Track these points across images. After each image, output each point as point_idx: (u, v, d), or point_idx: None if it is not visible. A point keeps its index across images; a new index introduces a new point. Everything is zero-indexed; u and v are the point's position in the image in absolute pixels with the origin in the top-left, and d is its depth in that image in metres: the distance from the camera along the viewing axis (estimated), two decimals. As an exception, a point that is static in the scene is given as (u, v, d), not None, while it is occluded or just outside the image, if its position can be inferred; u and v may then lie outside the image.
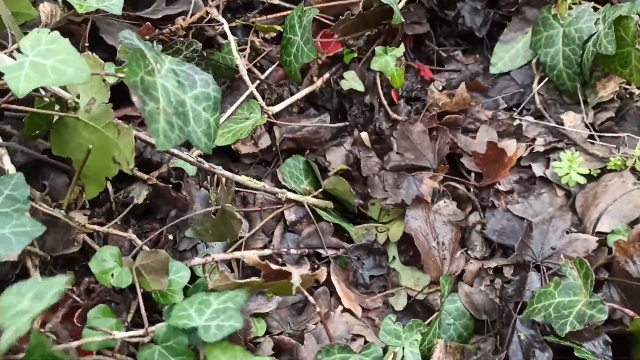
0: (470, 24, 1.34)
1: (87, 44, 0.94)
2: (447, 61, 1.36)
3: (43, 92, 0.83)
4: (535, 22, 1.25)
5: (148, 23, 0.99)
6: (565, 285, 0.85)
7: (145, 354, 0.69)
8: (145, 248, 0.84)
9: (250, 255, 0.72)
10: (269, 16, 1.23)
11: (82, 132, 0.79)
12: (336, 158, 1.17)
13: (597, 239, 0.97)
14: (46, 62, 0.67)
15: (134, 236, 0.85)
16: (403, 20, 1.08)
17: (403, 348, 0.81)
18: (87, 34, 0.94)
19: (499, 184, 1.08)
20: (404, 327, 0.82)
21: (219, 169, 0.91)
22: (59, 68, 0.67)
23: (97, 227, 0.82)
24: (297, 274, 0.70)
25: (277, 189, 1.01)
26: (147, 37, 0.98)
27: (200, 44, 1.00)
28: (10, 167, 0.76)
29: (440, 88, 1.30)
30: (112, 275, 0.74)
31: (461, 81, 1.31)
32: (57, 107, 0.81)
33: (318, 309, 0.76)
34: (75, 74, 0.67)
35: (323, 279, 0.75)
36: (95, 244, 0.83)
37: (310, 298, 0.75)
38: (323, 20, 1.23)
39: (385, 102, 1.23)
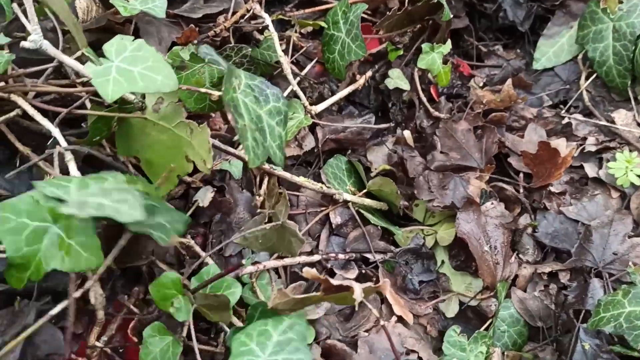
0: (512, 17, 1.30)
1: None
2: (487, 56, 1.32)
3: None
4: (581, 16, 1.20)
5: (192, 26, 0.95)
6: (635, 294, 0.81)
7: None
8: (209, 260, 0.80)
9: (309, 270, 0.68)
10: (306, 10, 1.18)
11: (150, 132, 0.76)
12: (377, 158, 1.13)
13: (661, 243, 0.93)
14: (133, 69, 0.68)
15: (192, 242, 0.81)
16: (452, 15, 1.04)
17: (468, 360, 0.77)
18: (130, 35, 0.90)
19: (551, 186, 1.04)
20: (469, 340, 0.78)
21: (279, 170, 0.87)
22: (148, 75, 0.67)
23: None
24: (359, 288, 0.66)
25: (333, 190, 0.97)
26: (193, 40, 0.94)
27: (249, 49, 0.96)
28: (76, 173, 0.73)
29: (481, 84, 1.26)
30: (172, 303, 0.70)
31: (503, 77, 1.27)
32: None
33: (382, 322, 0.72)
34: (164, 81, 0.67)
35: (387, 291, 0.71)
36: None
37: (375, 311, 0.71)
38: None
39: (425, 100, 1.19)
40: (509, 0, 1.31)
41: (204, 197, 0.86)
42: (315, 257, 0.90)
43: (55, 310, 0.65)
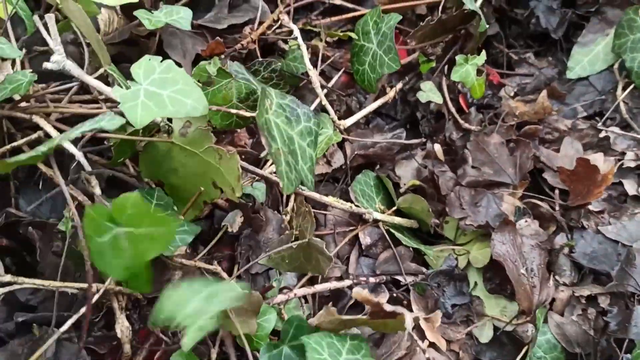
0: (545, 24, 1.25)
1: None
2: (518, 64, 1.27)
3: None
4: (618, 24, 1.16)
5: (218, 38, 0.92)
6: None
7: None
8: (232, 283, 0.77)
9: (360, 292, 0.66)
10: (333, 18, 1.15)
11: (176, 157, 0.73)
12: (406, 172, 1.09)
13: None
14: (162, 92, 0.65)
15: (219, 269, 0.78)
16: (487, 26, 1.00)
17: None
18: (154, 49, 0.87)
19: (590, 204, 1.00)
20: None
21: (307, 191, 0.84)
22: (177, 99, 0.65)
23: (184, 261, 0.75)
24: (410, 317, 0.63)
25: (363, 210, 0.93)
26: (218, 53, 0.90)
27: (279, 64, 0.93)
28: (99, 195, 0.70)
29: (512, 94, 1.22)
30: None
31: (535, 86, 1.22)
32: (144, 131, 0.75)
33: (427, 356, 0.68)
34: (194, 105, 0.65)
35: (438, 323, 0.68)
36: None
37: (420, 343, 0.67)
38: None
39: (454, 111, 1.15)
40: (541, 6, 1.26)
41: (233, 222, 0.83)
42: (346, 282, 0.86)
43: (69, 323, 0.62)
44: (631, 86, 1.14)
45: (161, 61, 0.71)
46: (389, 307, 0.64)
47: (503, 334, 0.93)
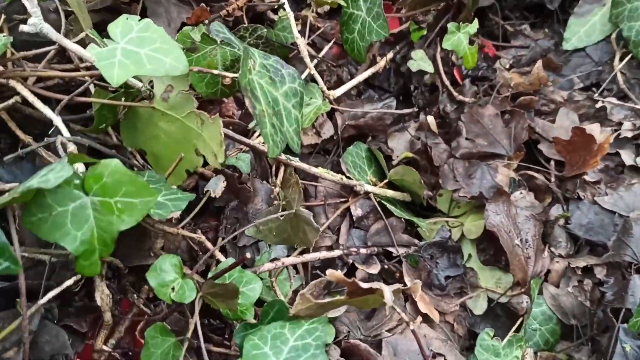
0: (541, -5, 1.22)
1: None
2: (514, 36, 1.24)
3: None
4: (616, -7, 1.13)
5: (203, 5, 0.89)
6: (682, 293, 0.75)
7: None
8: (218, 254, 0.75)
9: (334, 273, 0.63)
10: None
11: (158, 123, 0.70)
12: (399, 145, 1.06)
13: None
14: (140, 51, 0.62)
15: (203, 237, 0.76)
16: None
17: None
18: (137, 14, 0.85)
19: (586, 175, 0.98)
20: (503, 344, 0.73)
21: (297, 161, 0.82)
22: (156, 57, 0.62)
23: (167, 228, 0.72)
24: (389, 291, 0.61)
25: (354, 181, 0.91)
26: (204, 20, 0.88)
27: (265, 30, 0.90)
28: (79, 166, 0.68)
29: (507, 66, 1.19)
30: (173, 288, 0.64)
31: (531, 58, 1.20)
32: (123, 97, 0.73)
33: (412, 327, 0.66)
34: (173, 64, 0.62)
35: (418, 293, 0.66)
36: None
37: (404, 315, 0.65)
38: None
39: (448, 83, 1.12)
40: (537, -24, 1.23)
41: (216, 187, 0.81)
42: (336, 252, 0.84)
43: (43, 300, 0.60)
44: (628, 56, 1.12)
45: (139, 20, 0.68)
46: (364, 285, 0.61)
47: (497, 305, 0.91)
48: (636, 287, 0.83)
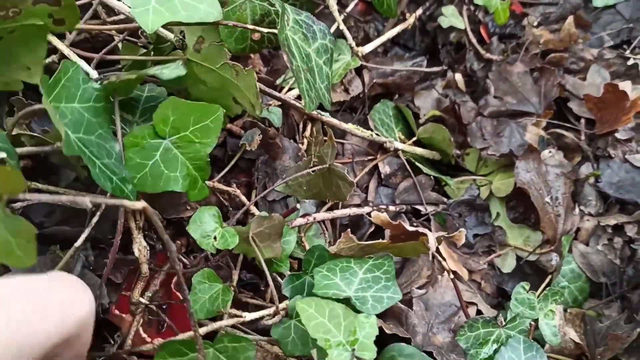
0: (571, -51, 1.19)
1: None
2: (543, -7, 1.22)
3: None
4: (650, -54, 1.10)
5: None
6: None
7: (279, 330, 0.62)
8: (253, 208, 0.75)
9: (379, 215, 0.63)
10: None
11: (195, 73, 0.69)
12: (426, 103, 1.05)
13: None
14: None
15: (238, 191, 0.76)
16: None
17: (537, 319, 0.71)
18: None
19: (617, 132, 0.96)
20: (538, 297, 0.72)
21: (327, 116, 0.81)
22: (190, 4, 0.61)
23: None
24: (433, 237, 0.61)
25: (384, 138, 0.90)
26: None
27: None
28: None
29: (535, 23, 1.17)
30: (215, 238, 0.65)
31: (561, 15, 1.17)
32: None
33: (451, 276, 0.66)
34: (207, 10, 0.61)
35: (462, 241, 0.66)
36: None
37: (445, 264, 0.65)
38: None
39: (474, 41, 1.10)
40: None
41: (252, 139, 0.80)
42: (366, 209, 0.84)
43: (79, 242, 0.61)
44: (662, 12, 1.09)
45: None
46: (410, 228, 0.61)
47: (526, 263, 0.91)
48: (669, 244, 0.82)
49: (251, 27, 0.72)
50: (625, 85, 1.01)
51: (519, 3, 1.20)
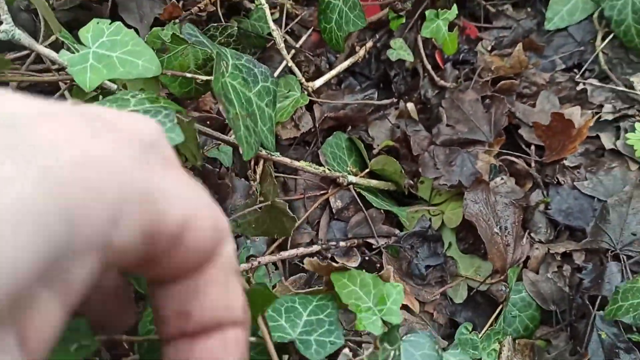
0: (522, -26, 1.21)
1: (106, 23, 0.83)
2: (496, 17, 1.23)
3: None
4: (598, -29, 1.11)
5: (174, 1, 0.88)
6: (656, 282, 0.76)
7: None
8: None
9: (311, 261, 0.64)
10: (299, -27, 1.10)
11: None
12: (380, 133, 1.06)
13: (681, 221, 0.87)
14: (112, 54, 0.63)
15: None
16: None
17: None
18: (107, 13, 0.83)
19: (565, 160, 0.98)
20: (481, 337, 0.74)
21: (277, 155, 0.82)
22: (128, 60, 0.63)
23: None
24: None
25: (337, 173, 0.91)
26: (176, 16, 0.87)
27: (235, 27, 0.89)
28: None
29: (489, 48, 1.18)
30: None
31: (513, 39, 1.19)
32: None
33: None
34: (146, 66, 0.63)
35: (390, 279, 0.67)
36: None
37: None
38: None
39: (429, 67, 1.11)
40: (518, -46, 1.21)
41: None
42: (315, 248, 0.85)
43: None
44: (610, 36, 1.11)
45: (110, 24, 0.68)
46: (335, 264, 0.63)
47: (477, 293, 0.92)
48: (612, 275, 0.84)
49: (189, 75, 0.73)
50: (574, 112, 1.02)
51: (474, 27, 1.21)
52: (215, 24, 0.87)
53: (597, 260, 0.89)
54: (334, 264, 0.66)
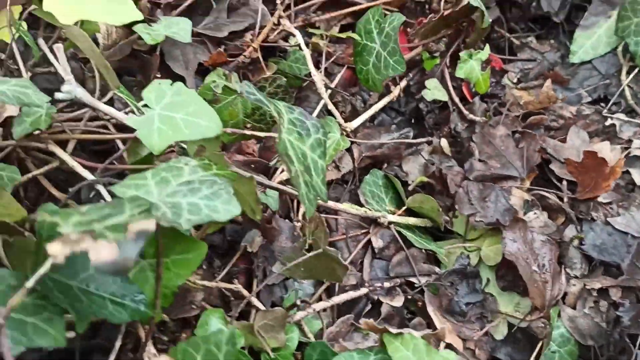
0: (546, 7, 1.23)
1: (158, 76, 0.86)
2: (520, 49, 1.26)
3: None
4: (622, 7, 1.14)
5: (220, 50, 0.90)
6: (698, 323, 0.78)
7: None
8: (254, 300, 0.78)
9: (367, 322, 0.67)
10: (332, 13, 1.12)
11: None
12: (414, 168, 1.08)
13: None
14: (175, 115, 0.65)
15: (239, 286, 0.79)
16: (490, 20, 0.98)
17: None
18: (157, 64, 0.85)
19: (598, 197, 1.00)
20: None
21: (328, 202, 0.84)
22: (191, 121, 0.65)
23: (207, 283, 0.75)
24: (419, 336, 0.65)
25: (377, 213, 0.93)
26: (222, 63, 0.89)
27: (284, 79, 0.91)
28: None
29: (515, 80, 1.21)
30: None
31: (539, 72, 1.22)
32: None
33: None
34: (208, 126, 0.65)
35: (446, 338, 0.70)
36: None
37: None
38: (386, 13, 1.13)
39: (458, 101, 1.14)
40: (542, -12, 1.24)
41: (252, 241, 0.83)
42: (362, 291, 0.87)
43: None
44: (636, 70, 1.14)
45: (171, 84, 0.70)
46: (394, 331, 0.65)
47: (518, 330, 0.94)
48: (651, 313, 0.87)
49: (249, 132, 0.75)
50: (604, 147, 1.05)
51: (499, 60, 1.24)
52: (266, 76, 0.89)
53: (634, 297, 0.92)
54: (390, 329, 0.68)
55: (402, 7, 1.19)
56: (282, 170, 0.94)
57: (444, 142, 1.08)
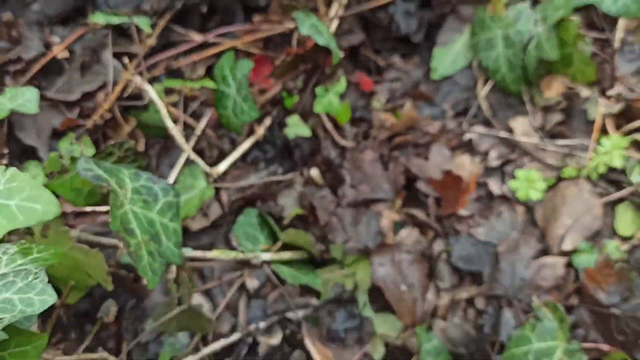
0: (405, 30, 1.28)
1: (6, 151, 0.85)
2: (387, 69, 1.31)
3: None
4: (472, 24, 1.20)
5: (69, 116, 0.90)
6: (541, 329, 0.85)
7: None
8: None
9: None
10: (195, 57, 1.14)
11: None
12: (289, 201, 1.12)
13: (563, 260, 0.97)
14: (10, 203, 0.64)
15: (106, 354, 0.79)
16: (342, 56, 1.02)
17: None
18: (4, 138, 0.85)
19: (459, 211, 1.06)
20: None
21: (189, 251, 0.86)
22: (26, 207, 0.63)
23: (66, 358, 0.76)
24: None
25: (250, 254, 0.96)
26: (73, 127, 0.89)
27: (133, 141, 0.92)
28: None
29: (383, 101, 1.26)
30: None
31: (405, 91, 1.26)
32: None
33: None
34: (45, 209, 0.64)
35: None
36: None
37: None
38: (253, 52, 1.16)
39: (330, 127, 1.17)
40: (399, 10, 1.29)
41: (108, 312, 0.84)
42: (234, 337, 0.90)
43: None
44: (490, 83, 1.20)
45: (5, 170, 0.70)
46: None
47: (394, 348, 0.99)
48: (507, 321, 0.93)
49: (90, 209, 0.76)
50: (465, 161, 1.11)
51: (368, 81, 1.28)
52: (113, 142, 0.90)
53: (495, 305, 0.98)
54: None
55: (267, 41, 1.22)
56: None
57: (314, 172, 1.12)
